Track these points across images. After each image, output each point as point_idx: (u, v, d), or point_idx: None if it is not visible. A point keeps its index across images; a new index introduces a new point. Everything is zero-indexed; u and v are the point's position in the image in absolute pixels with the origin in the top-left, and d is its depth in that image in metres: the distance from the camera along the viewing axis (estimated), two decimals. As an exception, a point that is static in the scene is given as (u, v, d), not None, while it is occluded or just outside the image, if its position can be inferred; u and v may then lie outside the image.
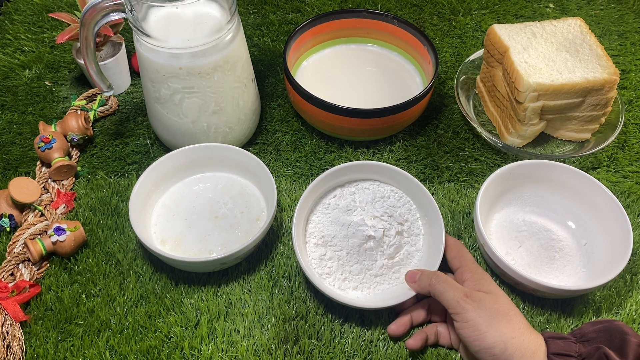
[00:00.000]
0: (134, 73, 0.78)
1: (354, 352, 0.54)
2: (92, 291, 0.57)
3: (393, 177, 0.62)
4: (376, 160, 0.69)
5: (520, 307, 0.57)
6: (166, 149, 0.70)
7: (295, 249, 0.55)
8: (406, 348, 0.53)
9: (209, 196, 0.63)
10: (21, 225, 0.62)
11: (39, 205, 0.62)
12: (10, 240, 0.60)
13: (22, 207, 0.63)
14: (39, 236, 0.60)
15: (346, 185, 0.63)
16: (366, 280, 0.57)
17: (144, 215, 0.60)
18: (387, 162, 0.67)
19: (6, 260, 0.58)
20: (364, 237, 0.58)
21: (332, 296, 0.53)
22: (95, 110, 0.72)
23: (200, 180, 0.65)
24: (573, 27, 0.70)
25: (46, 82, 0.78)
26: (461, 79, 0.74)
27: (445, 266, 0.60)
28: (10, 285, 0.56)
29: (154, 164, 0.61)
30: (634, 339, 0.45)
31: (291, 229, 0.62)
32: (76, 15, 0.72)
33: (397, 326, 0.54)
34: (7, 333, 0.54)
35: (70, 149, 0.68)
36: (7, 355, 0.52)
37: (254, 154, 0.70)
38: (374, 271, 0.57)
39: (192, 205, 0.62)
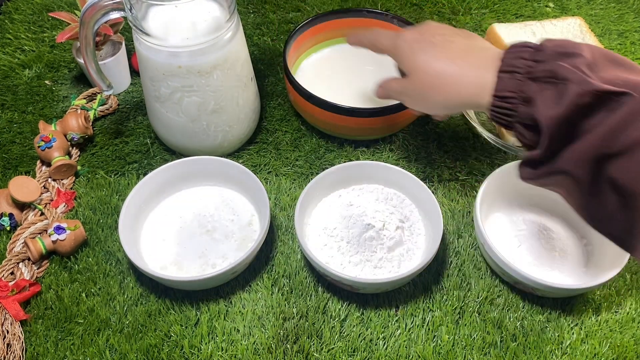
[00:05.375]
0: (134, 72, 0.78)
1: (353, 350, 0.54)
2: (92, 290, 0.57)
3: (394, 176, 0.62)
4: (376, 160, 0.69)
5: (520, 306, 0.57)
6: (166, 148, 0.70)
7: (296, 224, 0.56)
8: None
9: (193, 212, 0.62)
10: (21, 224, 0.62)
11: (39, 204, 0.62)
12: (10, 239, 0.60)
13: (22, 206, 0.63)
14: (39, 235, 0.60)
15: (350, 187, 0.63)
16: (365, 271, 0.57)
17: (138, 250, 0.58)
18: (386, 162, 0.67)
19: (6, 259, 0.58)
20: (364, 225, 0.58)
21: (334, 271, 0.53)
22: (95, 110, 0.72)
23: (176, 200, 0.63)
24: (573, 27, 0.70)
25: (46, 82, 0.78)
26: (461, 78, 0.74)
27: (441, 262, 0.60)
28: (10, 284, 0.56)
29: (126, 202, 0.57)
30: (575, 87, 0.40)
31: (291, 227, 0.62)
32: (76, 15, 0.72)
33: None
34: (7, 332, 0.54)
35: (70, 148, 0.68)
36: (7, 354, 0.52)
37: (254, 152, 0.70)
38: (373, 262, 0.57)
39: (178, 227, 0.61)
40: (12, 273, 0.58)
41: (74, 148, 0.69)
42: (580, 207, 0.42)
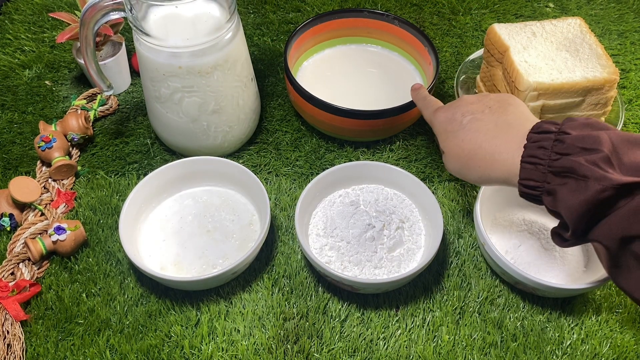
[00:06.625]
0: (134, 72, 0.78)
1: (354, 351, 0.54)
2: (93, 290, 0.57)
3: (394, 176, 0.62)
4: (376, 160, 0.69)
5: (521, 306, 0.57)
6: (166, 148, 0.70)
7: (296, 224, 0.56)
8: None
9: (193, 213, 0.62)
10: (21, 225, 0.62)
11: (39, 204, 0.62)
12: (10, 239, 0.60)
13: (23, 207, 0.63)
14: (39, 235, 0.60)
15: (351, 187, 0.63)
16: (365, 271, 0.57)
17: (138, 250, 0.58)
18: (387, 162, 0.67)
19: (7, 260, 0.58)
20: (364, 225, 0.58)
21: (334, 272, 0.53)
22: (95, 110, 0.72)
23: (176, 200, 0.63)
24: (573, 27, 0.70)
25: (46, 82, 0.78)
26: (461, 79, 0.74)
27: (442, 262, 0.60)
28: (10, 284, 0.56)
29: (127, 202, 0.58)
30: (594, 184, 0.41)
31: (292, 227, 0.62)
32: (76, 15, 0.72)
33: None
34: (8, 332, 0.54)
35: (71, 149, 0.68)
36: (7, 354, 0.52)
37: (254, 153, 0.70)
38: (374, 262, 0.57)
39: (179, 226, 0.61)
40: (12, 273, 0.58)
41: (74, 148, 0.69)
42: (608, 268, 0.44)
